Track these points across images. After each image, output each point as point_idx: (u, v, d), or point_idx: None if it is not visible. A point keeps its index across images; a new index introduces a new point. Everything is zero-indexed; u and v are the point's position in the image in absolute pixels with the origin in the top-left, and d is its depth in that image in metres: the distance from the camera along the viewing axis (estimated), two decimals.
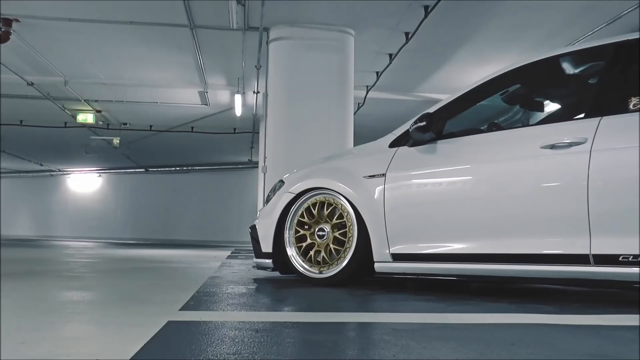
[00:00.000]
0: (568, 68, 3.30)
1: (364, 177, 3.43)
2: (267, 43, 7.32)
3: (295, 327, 2.05)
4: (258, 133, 11.37)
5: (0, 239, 16.19)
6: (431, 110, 3.32)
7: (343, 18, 7.04)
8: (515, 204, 2.89)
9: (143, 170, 20.50)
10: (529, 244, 2.80)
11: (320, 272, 3.53)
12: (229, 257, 7.93)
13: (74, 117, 12.08)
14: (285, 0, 6.55)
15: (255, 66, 7.96)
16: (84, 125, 12.67)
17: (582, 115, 2.94)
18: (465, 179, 3.10)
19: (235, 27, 6.92)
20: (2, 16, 7.12)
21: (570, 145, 2.72)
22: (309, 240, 3.63)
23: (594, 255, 2.60)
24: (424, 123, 3.21)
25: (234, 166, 19.30)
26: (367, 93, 9.98)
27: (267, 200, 4.06)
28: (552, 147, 2.77)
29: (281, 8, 6.69)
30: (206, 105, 11.40)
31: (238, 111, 10.58)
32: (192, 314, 2.28)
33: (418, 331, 1.97)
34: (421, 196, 3.24)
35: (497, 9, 6.84)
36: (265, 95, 7.66)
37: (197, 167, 19.91)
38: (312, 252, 3.59)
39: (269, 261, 3.79)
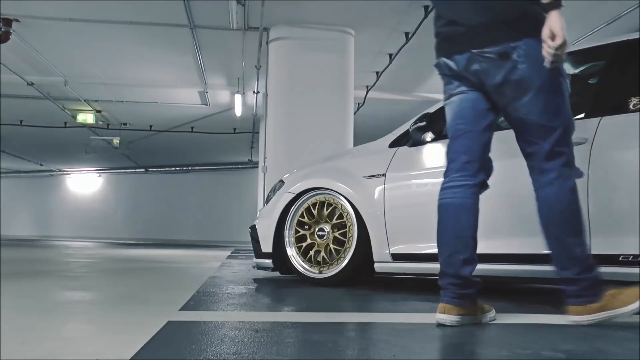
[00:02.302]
0: (568, 68, 3.30)
1: (364, 177, 3.43)
2: (267, 43, 7.31)
3: (295, 327, 2.05)
4: (258, 133, 11.36)
5: (0, 238, 16.18)
6: (431, 110, 3.32)
7: (343, 18, 7.03)
8: (515, 203, 2.89)
9: (143, 170, 20.49)
10: (529, 243, 2.80)
11: (320, 272, 3.53)
12: (229, 257, 7.93)
13: (74, 117, 12.06)
14: (285, 0, 6.54)
15: (255, 66, 7.95)
16: (84, 125, 12.66)
17: (582, 115, 2.94)
18: None
19: (235, 27, 6.91)
20: (2, 16, 7.12)
21: None
22: (308, 240, 3.63)
23: (594, 255, 2.60)
24: (424, 123, 3.21)
25: (233, 166, 19.28)
26: (367, 93, 9.97)
27: (267, 200, 4.06)
28: None
29: (281, 8, 6.68)
30: (206, 105, 11.39)
31: (238, 111, 10.58)
32: (192, 314, 2.28)
33: (418, 331, 1.97)
34: (421, 196, 3.23)
35: None
36: (265, 95, 7.66)
37: (197, 167, 19.89)
38: (312, 252, 3.59)
39: (268, 261, 3.79)
